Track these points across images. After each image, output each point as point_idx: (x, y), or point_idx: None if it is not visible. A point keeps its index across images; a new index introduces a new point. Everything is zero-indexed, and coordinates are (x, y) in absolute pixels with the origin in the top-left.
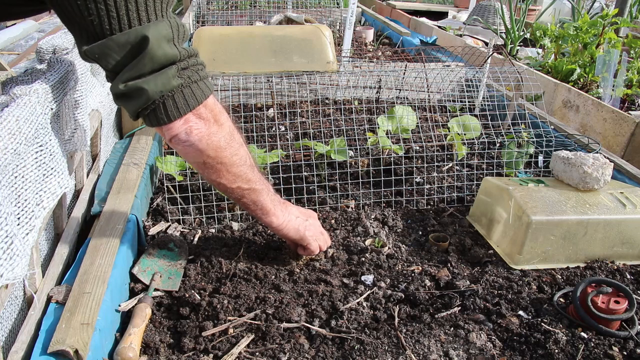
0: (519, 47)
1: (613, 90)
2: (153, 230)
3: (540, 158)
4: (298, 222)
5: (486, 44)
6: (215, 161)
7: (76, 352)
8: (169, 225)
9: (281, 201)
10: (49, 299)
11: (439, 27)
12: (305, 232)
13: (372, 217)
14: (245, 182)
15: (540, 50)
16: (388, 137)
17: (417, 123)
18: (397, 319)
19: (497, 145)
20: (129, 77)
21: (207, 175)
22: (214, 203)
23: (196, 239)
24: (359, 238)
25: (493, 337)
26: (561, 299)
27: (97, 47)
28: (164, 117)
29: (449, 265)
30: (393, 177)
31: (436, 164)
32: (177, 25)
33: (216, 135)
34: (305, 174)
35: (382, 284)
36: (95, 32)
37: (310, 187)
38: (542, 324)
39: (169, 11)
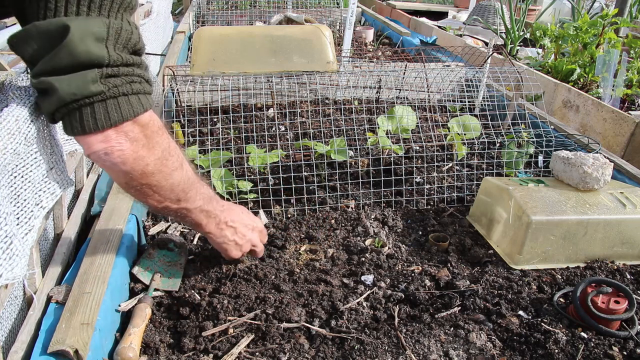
0: (519, 47)
1: (613, 90)
2: (153, 230)
3: (540, 158)
4: (226, 243)
5: (486, 44)
6: (141, 184)
7: (76, 352)
8: (169, 225)
9: (218, 213)
10: (49, 299)
11: (439, 27)
12: (231, 250)
13: (372, 217)
14: (174, 203)
15: (540, 50)
16: (388, 137)
17: (417, 123)
18: (397, 319)
19: (497, 145)
20: (43, 71)
21: (130, 193)
22: None
23: (196, 239)
24: (359, 238)
25: (493, 337)
26: (561, 299)
27: (19, 33)
28: (77, 126)
29: (449, 265)
30: (393, 177)
31: (436, 164)
32: (119, 28)
33: (143, 160)
34: (305, 174)
35: (382, 284)
36: (27, 20)
37: (310, 187)
38: (542, 324)
39: (122, 14)
